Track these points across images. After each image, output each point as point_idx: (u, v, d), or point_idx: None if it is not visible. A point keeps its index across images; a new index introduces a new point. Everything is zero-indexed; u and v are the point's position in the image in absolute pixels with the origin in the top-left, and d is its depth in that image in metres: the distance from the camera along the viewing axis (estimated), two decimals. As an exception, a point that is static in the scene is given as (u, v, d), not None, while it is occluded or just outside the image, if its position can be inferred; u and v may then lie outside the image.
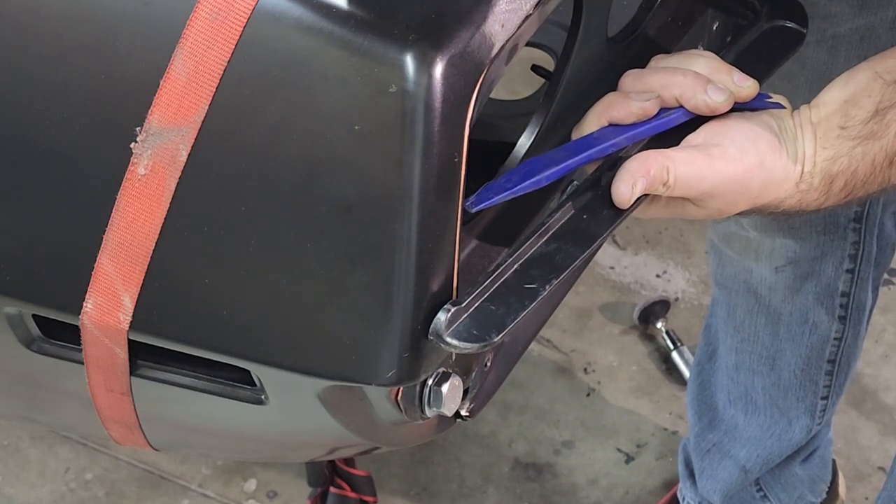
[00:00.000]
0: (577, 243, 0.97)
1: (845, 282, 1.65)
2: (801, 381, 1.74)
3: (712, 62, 1.05)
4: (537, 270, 0.94)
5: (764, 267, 1.65)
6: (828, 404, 1.77)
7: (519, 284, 0.94)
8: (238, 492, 2.03)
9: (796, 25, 1.17)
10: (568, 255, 0.96)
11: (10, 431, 2.08)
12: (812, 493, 1.90)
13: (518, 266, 0.95)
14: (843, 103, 1.04)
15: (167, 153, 0.90)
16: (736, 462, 1.81)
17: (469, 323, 0.92)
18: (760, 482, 1.86)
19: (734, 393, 1.79)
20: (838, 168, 1.03)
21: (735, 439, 1.80)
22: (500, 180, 0.98)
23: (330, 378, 0.94)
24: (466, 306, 0.92)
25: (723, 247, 1.70)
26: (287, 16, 0.87)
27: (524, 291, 0.93)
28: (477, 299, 0.93)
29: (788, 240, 1.60)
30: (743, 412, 1.79)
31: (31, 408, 1.26)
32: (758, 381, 1.76)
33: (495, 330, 0.91)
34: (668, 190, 1.00)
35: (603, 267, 2.37)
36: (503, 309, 0.92)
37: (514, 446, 2.10)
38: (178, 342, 0.96)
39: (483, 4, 0.88)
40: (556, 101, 1.08)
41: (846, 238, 1.61)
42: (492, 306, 0.92)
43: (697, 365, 1.86)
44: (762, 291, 1.68)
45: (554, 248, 0.96)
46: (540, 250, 0.96)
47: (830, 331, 1.69)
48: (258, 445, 1.22)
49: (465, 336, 0.91)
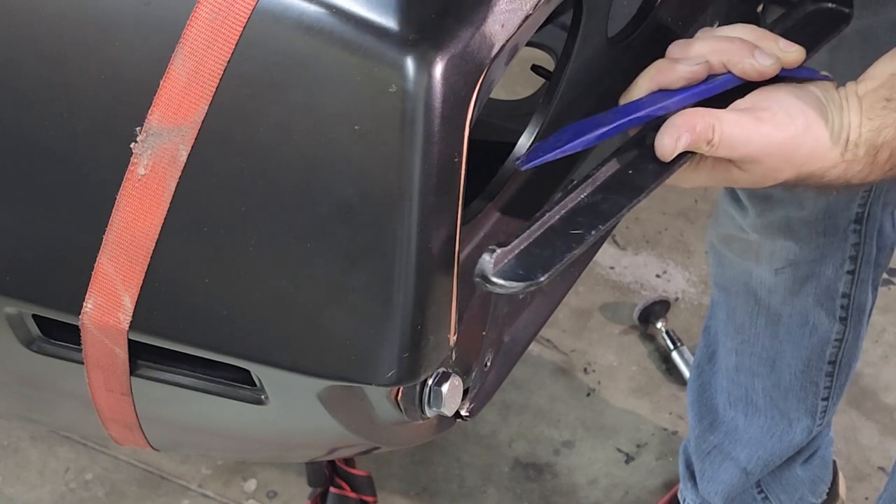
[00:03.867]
0: (622, 194, 0.98)
1: (846, 283, 1.65)
2: (801, 382, 1.74)
3: (758, 31, 1.06)
4: (583, 218, 0.95)
5: (764, 269, 1.65)
6: (828, 405, 1.77)
7: (565, 230, 0.94)
8: (238, 492, 2.03)
9: (840, 6, 1.18)
10: (614, 204, 0.97)
11: (10, 431, 2.08)
12: (812, 494, 1.90)
13: (564, 213, 0.95)
14: (890, 76, 1.05)
15: (167, 153, 0.90)
16: (737, 464, 1.81)
17: (515, 264, 0.92)
18: (761, 484, 1.86)
19: (734, 395, 1.79)
20: (883, 139, 1.04)
21: (736, 441, 1.80)
22: (551, 140, 1.00)
23: (330, 378, 0.94)
24: (511, 248, 0.92)
25: (722, 249, 1.70)
26: (287, 16, 0.87)
27: (570, 236, 0.94)
28: (522, 243, 0.93)
29: (789, 242, 1.60)
30: (743, 414, 1.79)
31: (31, 408, 1.26)
32: (758, 383, 1.76)
33: (541, 270, 0.91)
34: (711, 149, 1.00)
35: (603, 267, 2.37)
36: (549, 251, 0.93)
37: (514, 446, 2.10)
38: (178, 342, 0.96)
39: (483, 4, 0.88)
40: (556, 101, 1.08)
41: (846, 240, 1.61)
42: (537, 249, 0.93)
43: (697, 367, 1.86)
44: (762, 293, 1.68)
45: (600, 199, 0.97)
46: (586, 200, 0.97)
47: (831, 332, 1.69)
48: (258, 445, 1.22)
49: (511, 275, 0.91)
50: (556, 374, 2.20)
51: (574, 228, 0.94)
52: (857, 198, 1.56)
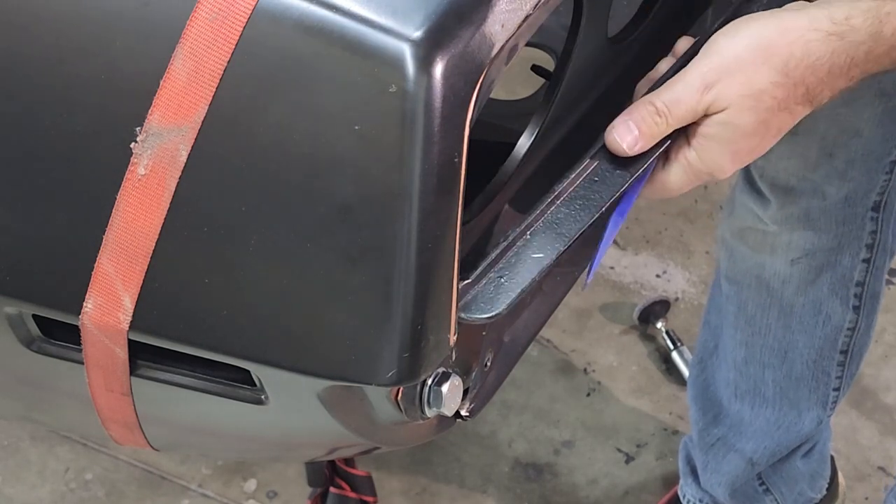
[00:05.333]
0: (585, 209, 0.98)
1: (861, 271, 1.65)
2: (813, 372, 1.74)
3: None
4: (545, 239, 0.95)
5: (779, 260, 1.65)
6: (839, 395, 1.77)
7: (526, 255, 0.95)
8: (238, 492, 2.03)
9: None
10: (575, 221, 0.97)
11: (10, 431, 2.08)
12: (812, 489, 1.91)
13: (528, 235, 0.95)
14: None
15: (167, 153, 0.90)
16: (742, 455, 1.81)
17: (479, 296, 0.93)
18: (762, 476, 1.86)
19: (742, 387, 1.79)
20: (890, 8, 1.01)
21: (741, 433, 1.80)
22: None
23: (330, 378, 0.94)
24: (475, 280, 0.93)
25: (735, 243, 1.70)
26: (287, 16, 0.86)
27: (532, 261, 0.94)
28: (486, 271, 0.94)
29: (808, 232, 1.60)
30: (750, 406, 1.79)
31: (31, 408, 1.26)
32: (768, 374, 1.76)
33: (502, 301, 0.93)
34: (663, 119, 1.00)
35: (603, 267, 2.37)
36: (513, 280, 0.93)
37: (514, 446, 2.10)
38: (177, 342, 0.96)
39: (483, 4, 0.88)
40: (556, 101, 1.08)
41: (864, 228, 1.61)
42: (501, 278, 0.93)
43: (700, 362, 1.85)
44: (775, 285, 1.68)
45: (563, 216, 0.97)
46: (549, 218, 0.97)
47: (844, 321, 1.69)
48: (258, 445, 1.22)
49: (473, 309, 0.93)
50: (556, 374, 2.20)
51: (536, 252, 0.95)
52: (876, 186, 1.56)
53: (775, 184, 1.55)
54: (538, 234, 0.96)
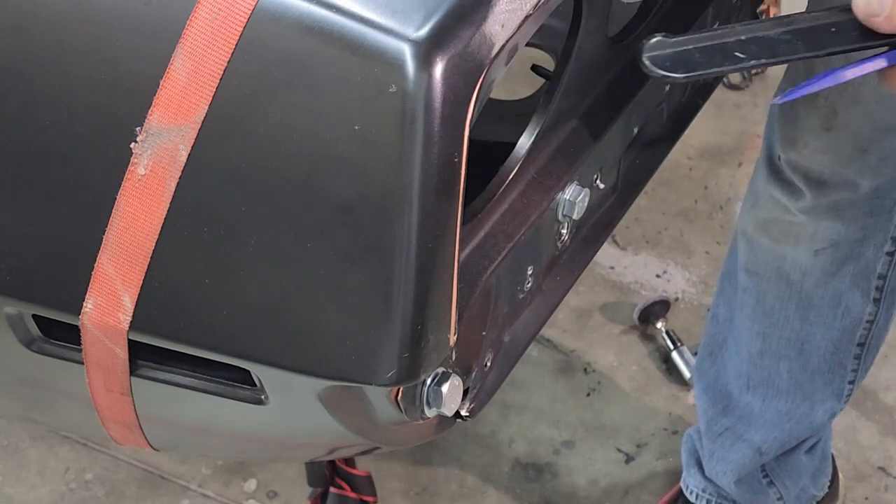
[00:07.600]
0: (807, 45, 0.97)
1: (883, 264, 1.65)
2: (829, 364, 1.74)
3: None
4: (756, 46, 0.96)
5: (802, 251, 1.65)
6: (854, 387, 1.77)
7: (731, 49, 0.95)
8: (238, 492, 2.03)
9: None
10: (791, 48, 0.97)
11: (10, 431, 2.08)
12: (814, 486, 1.91)
13: (743, 37, 0.96)
14: None
15: (167, 153, 0.90)
16: (750, 445, 1.81)
17: (668, 55, 0.94)
18: (766, 468, 1.86)
19: (755, 378, 1.79)
20: None
21: (749, 424, 1.80)
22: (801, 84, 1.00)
23: (330, 378, 0.94)
24: (675, 42, 0.94)
25: (757, 235, 1.69)
26: (287, 16, 0.87)
27: (731, 57, 0.95)
28: (688, 42, 0.95)
29: (835, 223, 1.60)
30: (762, 397, 1.79)
31: (31, 408, 1.26)
32: (783, 366, 1.76)
33: (684, 70, 0.94)
34: None
35: (603, 267, 2.37)
36: (704, 59, 0.94)
37: (514, 446, 2.10)
38: (178, 342, 0.96)
39: (483, 4, 0.88)
40: (556, 101, 1.08)
41: (891, 220, 1.61)
42: (696, 52, 0.95)
43: (710, 355, 1.85)
44: (795, 276, 1.68)
45: (782, 38, 0.97)
46: (769, 34, 0.97)
47: (864, 313, 1.69)
48: (258, 445, 1.22)
49: (656, 61, 0.94)
50: (556, 374, 2.20)
51: (740, 51, 0.95)
52: None
53: (809, 176, 1.55)
54: (753, 40, 0.96)
